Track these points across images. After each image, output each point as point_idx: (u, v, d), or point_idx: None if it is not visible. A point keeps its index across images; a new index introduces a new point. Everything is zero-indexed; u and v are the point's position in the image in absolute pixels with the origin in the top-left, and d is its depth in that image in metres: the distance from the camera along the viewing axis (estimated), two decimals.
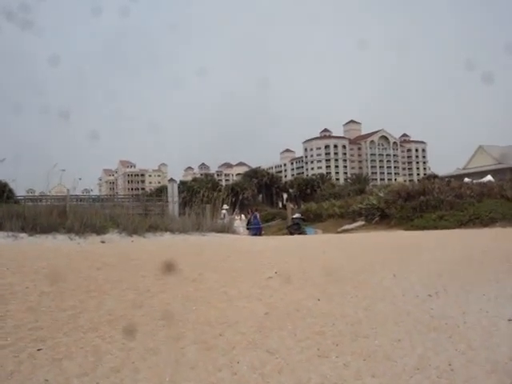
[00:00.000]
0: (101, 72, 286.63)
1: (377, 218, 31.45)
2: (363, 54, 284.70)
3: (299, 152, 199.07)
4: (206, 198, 21.49)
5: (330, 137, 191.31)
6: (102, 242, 13.72)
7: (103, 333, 5.50)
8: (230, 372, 4.81)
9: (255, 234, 28.06)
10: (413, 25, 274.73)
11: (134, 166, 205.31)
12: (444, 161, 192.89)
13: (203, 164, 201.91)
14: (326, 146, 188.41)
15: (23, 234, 13.35)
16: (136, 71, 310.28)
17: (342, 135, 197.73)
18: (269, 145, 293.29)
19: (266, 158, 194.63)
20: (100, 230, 14.59)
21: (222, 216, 23.72)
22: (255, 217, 30.63)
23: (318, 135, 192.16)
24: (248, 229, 28.03)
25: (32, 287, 7.15)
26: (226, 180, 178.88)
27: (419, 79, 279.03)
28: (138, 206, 23.33)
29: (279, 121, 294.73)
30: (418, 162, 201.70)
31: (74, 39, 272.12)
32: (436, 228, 26.17)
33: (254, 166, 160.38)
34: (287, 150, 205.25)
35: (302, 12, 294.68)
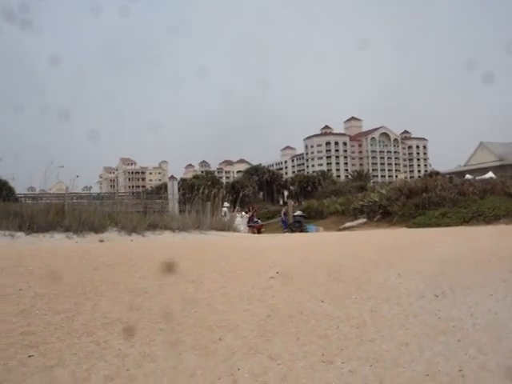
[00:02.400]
0: (101, 72, 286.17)
1: (378, 216, 31.29)
2: (364, 52, 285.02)
3: (300, 149, 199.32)
4: (207, 196, 21.23)
5: (331, 134, 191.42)
6: (101, 240, 13.50)
7: (98, 337, 5.28)
8: (231, 380, 4.58)
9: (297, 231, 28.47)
10: (413, 24, 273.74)
11: (135, 164, 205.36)
12: (445, 158, 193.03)
13: (204, 161, 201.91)
14: (327, 143, 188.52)
15: (20, 233, 13.15)
16: (136, 71, 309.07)
17: (342, 132, 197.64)
18: (269, 142, 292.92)
19: (266, 155, 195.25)
20: (98, 229, 14.38)
21: (223, 214, 23.54)
22: (285, 214, 31.27)
23: (319, 132, 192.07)
24: (249, 226, 27.90)
25: (26, 288, 6.94)
26: (227, 177, 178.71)
27: (420, 77, 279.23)
28: (137, 204, 23.16)
29: (280, 118, 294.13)
30: (418, 159, 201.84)
31: (73, 39, 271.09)
32: (439, 225, 25.96)
33: (254, 163, 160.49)
34: (288, 147, 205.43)
35: (303, 11, 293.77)
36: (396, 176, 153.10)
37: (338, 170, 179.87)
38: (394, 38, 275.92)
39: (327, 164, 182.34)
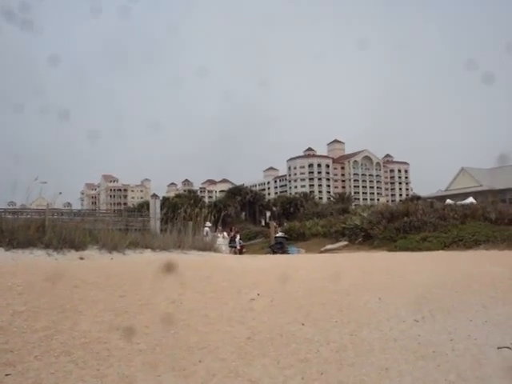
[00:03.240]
0: (99, 72, 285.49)
1: (360, 239, 31.39)
2: (347, 74, 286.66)
3: (283, 170, 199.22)
4: (189, 215, 21.13)
5: (314, 156, 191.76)
6: (81, 258, 13.36)
7: (76, 357, 5.21)
8: None
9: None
10: (397, 46, 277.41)
11: (117, 181, 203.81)
12: (426, 182, 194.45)
13: (186, 180, 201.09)
14: (310, 165, 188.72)
15: None
16: (133, 71, 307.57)
17: (325, 154, 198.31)
18: (252, 162, 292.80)
19: (249, 176, 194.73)
20: (79, 246, 14.23)
21: (205, 233, 23.44)
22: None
23: (302, 154, 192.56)
24: (231, 247, 27.78)
25: (5, 305, 6.85)
26: (210, 197, 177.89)
27: (403, 101, 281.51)
28: (119, 222, 23.00)
29: (263, 138, 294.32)
30: (400, 183, 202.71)
31: (74, 39, 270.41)
32: (419, 249, 26.10)
33: (237, 183, 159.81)
34: (271, 168, 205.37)
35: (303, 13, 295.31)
36: (377, 199, 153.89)
37: (320, 191, 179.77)
38: (377, 59, 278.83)
39: (310, 186, 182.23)
